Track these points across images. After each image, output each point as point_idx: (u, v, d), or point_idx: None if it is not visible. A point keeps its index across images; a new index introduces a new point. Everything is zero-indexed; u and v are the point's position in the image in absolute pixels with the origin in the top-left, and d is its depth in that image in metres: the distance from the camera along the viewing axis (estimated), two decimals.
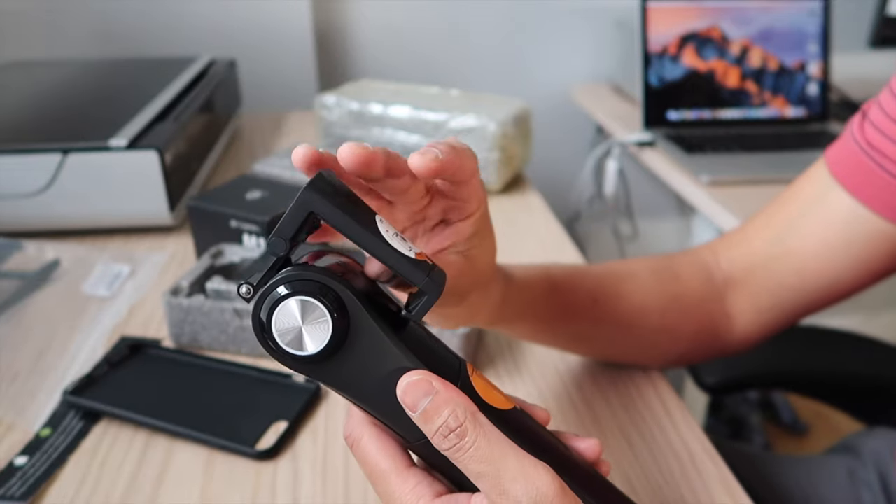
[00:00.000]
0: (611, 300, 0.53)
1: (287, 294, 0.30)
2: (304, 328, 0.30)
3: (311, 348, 0.31)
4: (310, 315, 0.30)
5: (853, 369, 0.89)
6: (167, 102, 0.92)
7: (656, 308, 0.55)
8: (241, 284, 0.31)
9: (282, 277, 0.31)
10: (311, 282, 0.31)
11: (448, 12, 1.60)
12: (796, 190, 0.56)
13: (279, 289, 0.30)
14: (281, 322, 0.30)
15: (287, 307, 0.30)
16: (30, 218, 0.79)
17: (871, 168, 0.51)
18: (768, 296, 0.56)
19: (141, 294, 0.70)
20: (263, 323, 0.30)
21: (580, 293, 0.53)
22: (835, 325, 0.98)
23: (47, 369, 0.59)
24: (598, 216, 1.72)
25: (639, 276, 0.56)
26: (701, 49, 1.34)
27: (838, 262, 0.53)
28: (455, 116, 0.94)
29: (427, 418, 0.30)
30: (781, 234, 0.55)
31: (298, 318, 0.30)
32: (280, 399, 0.54)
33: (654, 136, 1.30)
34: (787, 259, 0.54)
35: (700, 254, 0.60)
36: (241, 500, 0.46)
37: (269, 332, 0.31)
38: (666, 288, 0.56)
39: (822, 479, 0.71)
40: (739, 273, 0.57)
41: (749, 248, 0.57)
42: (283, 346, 0.31)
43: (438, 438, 0.30)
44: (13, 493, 0.46)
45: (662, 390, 0.57)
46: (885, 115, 0.51)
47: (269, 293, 0.30)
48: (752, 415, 1.61)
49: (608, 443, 0.51)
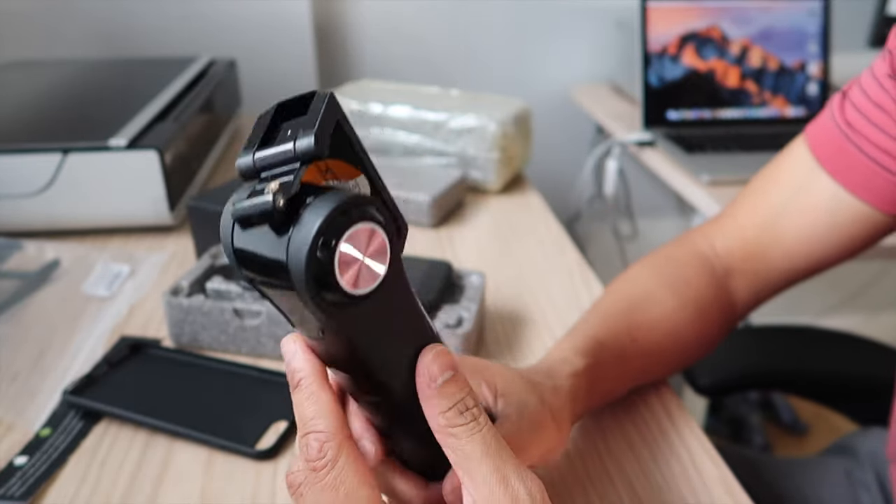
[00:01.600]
0: (646, 333, 0.54)
1: (358, 218, 0.26)
2: (364, 261, 0.27)
3: (365, 286, 0.27)
4: (373, 247, 0.27)
5: (847, 370, 0.89)
6: (167, 102, 0.92)
7: (684, 323, 0.56)
8: (268, 182, 0.26)
9: (343, 196, 0.26)
10: (379, 208, 0.27)
11: (448, 12, 1.60)
12: (780, 173, 0.58)
13: (348, 210, 0.26)
14: (348, 251, 0.26)
15: (358, 233, 0.26)
16: (30, 218, 0.79)
17: (851, 152, 0.53)
18: (763, 279, 0.59)
19: (141, 294, 0.70)
20: (327, 244, 0.25)
21: (617, 342, 0.52)
22: (834, 325, 0.98)
23: (47, 369, 0.59)
24: (598, 216, 1.72)
25: (659, 299, 0.56)
26: (701, 49, 1.34)
27: (824, 243, 0.56)
28: (455, 116, 0.94)
29: (445, 393, 0.30)
30: (771, 220, 0.57)
31: (362, 250, 0.27)
32: (280, 399, 0.54)
33: (654, 136, 1.30)
34: (778, 244, 0.57)
35: (695, 244, 0.61)
36: (241, 500, 0.46)
37: (330, 255, 0.26)
38: (684, 300, 0.56)
39: (820, 481, 0.71)
40: (737, 262, 0.59)
41: (742, 236, 0.59)
42: (339, 279, 0.26)
43: (453, 414, 0.30)
44: (13, 493, 0.46)
45: (662, 390, 0.57)
46: (866, 97, 0.52)
47: (336, 211, 0.25)
48: (752, 415, 1.61)
49: (608, 443, 0.51)
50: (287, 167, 0.27)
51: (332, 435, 0.30)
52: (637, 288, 0.58)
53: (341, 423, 0.30)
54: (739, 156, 1.22)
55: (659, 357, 0.55)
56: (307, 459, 0.30)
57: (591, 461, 0.50)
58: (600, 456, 0.50)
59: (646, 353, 0.54)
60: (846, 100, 0.54)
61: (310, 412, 0.30)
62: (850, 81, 0.55)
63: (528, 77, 1.69)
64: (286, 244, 0.26)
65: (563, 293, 0.71)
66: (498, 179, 0.94)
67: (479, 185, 0.95)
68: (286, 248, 0.26)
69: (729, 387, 0.92)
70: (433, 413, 0.30)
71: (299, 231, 0.26)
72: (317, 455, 0.30)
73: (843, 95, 0.55)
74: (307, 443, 0.30)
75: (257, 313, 0.58)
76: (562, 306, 0.69)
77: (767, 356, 0.92)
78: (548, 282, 0.73)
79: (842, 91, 0.55)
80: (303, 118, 0.28)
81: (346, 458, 0.30)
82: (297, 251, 0.26)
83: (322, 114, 0.27)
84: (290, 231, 0.26)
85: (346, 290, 0.27)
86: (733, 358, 0.90)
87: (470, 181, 0.95)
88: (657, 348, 0.54)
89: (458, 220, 0.88)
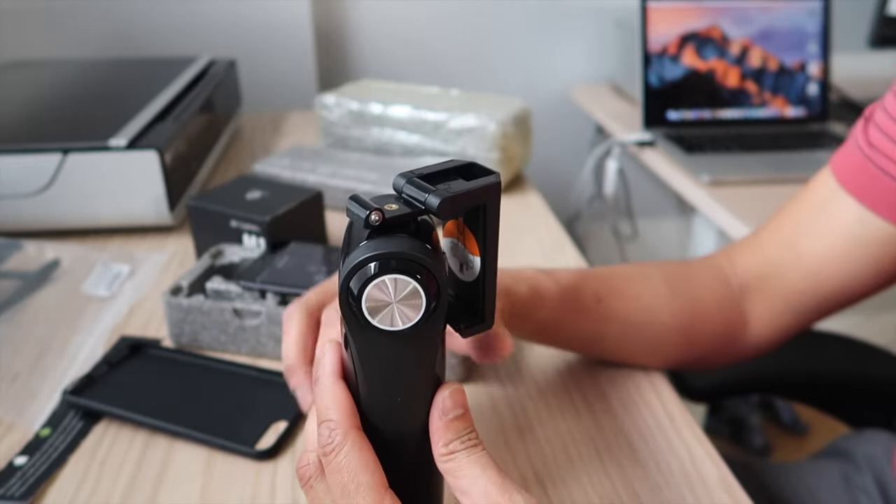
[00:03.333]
0: (615, 299, 0.54)
1: (397, 270, 0.30)
2: (395, 305, 0.30)
3: (398, 324, 0.31)
4: (405, 296, 0.30)
5: (842, 373, 0.89)
6: (167, 102, 0.92)
7: (667, 308, 0.55)
8: (372, 211, 0.30)
9: (416, 249, 0.30)
10: (432, 271, 0.30)
11: (448, 13, 1.60)
12: (804, 196, 0.57)
13: (389, 261, 0.30)
14: (384, 286, 0.30)
15: (396, 281, 0.30)
16: (30, 218, 0.79)
17: (874, 173, 0.51)
18: (782, 301, 0.57)
19: (141, 294, 0.70)
20: (372, 273, 0.30)
21: (585, 293, 0.53)
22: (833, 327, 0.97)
23: (47, 369, 0.59)
24: (598, 216, 1.72)
25: (649, 278, 0.56)
26: (701, 49, 1.34)
27: (849, 265, 0.53)
28: (455, 116, 0.94)
29: (452, 426, 0.33)
30: (791, 239, 0.56)
31: (392, 295, 0.30)
32: (280, 399, 0.54)
33: (654, 136, 1.30)
34: (799, 264, 0.55)
35: (716, 260, 0.60)
36: (240, 500, 0.46)
37: (362, 286, 0.30)
38: (678, 290, 0.56)
39: (818, 485, 0.70)
40: (754, 280, 0.57)
41: (762, 254, 0.57)
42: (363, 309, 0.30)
43: (456, 444, 0.33)
44: (13, 493, 0.46)
45: (662, 390, 0.57)
46: (888, 117, 0.51)
47: (383, 256, 0.30)
48: (752, 415, 1.61)
49: (608, 443, 0.51)
50: (412, 208, 0.31)
51: (339, 423, 0.33)
52: (634, 267, 0.58)
53: (349, 413, 0.33)
54: (739, 156, 1.22)
55: (632, 330, 0.55)
56: (319, 445, 0.33)
57: (590, 461, 0.50)
58: (600, 456, 0.50)
59: (614, 319, 0.53)
60: (870, 123, 0.53)
61: (322, 404, 0.34)
62: (872, 105, 0.54)
63: (528, 77, 1.69)
64: (343, 258, 0.31)
65: None
66: None
67: None
68: (343, 261, 0.31)
69: (723, 392, 0.92)
70: (438, 441, 0.33)
71: (353, 252, 0.30)
72: (325, 441, 0.33)
73: (866, 120, 0.54)
74: (320, 431, 0.33)
75: (257, 313, 0.58)
76: None
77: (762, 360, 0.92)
78: None
79: (864, 116, 0.54)
80: (463, 182, 0.32)
81: (352, 444, 0.32)
82: (345, 268, 0.30)
83: (468, 189, 0.31)
84: (354, 247, 0.31)
85: (369, 321, 0.30)
86: None
87: None
88: (629, 318, 0.54)
89: None
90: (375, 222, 0.30)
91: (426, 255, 0.30)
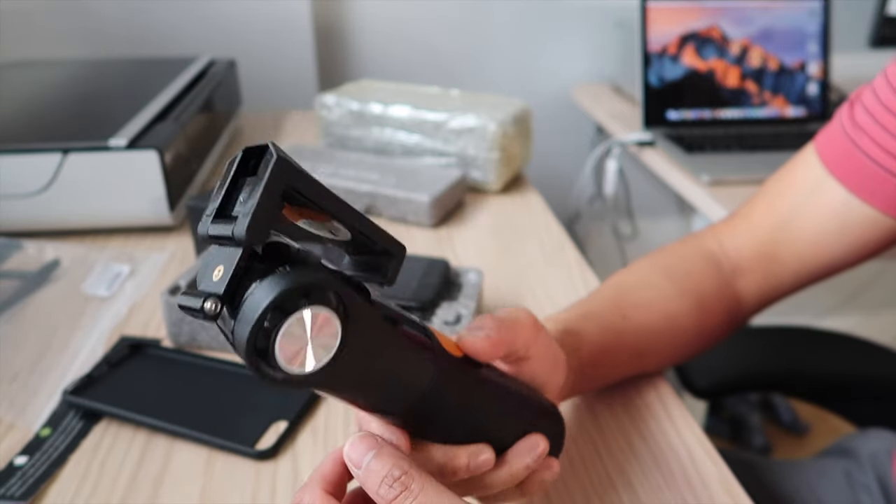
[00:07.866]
0: (639, 311, 0.54)
1: (294, 309, 0.25)
2: (310, 343, 0.26)
3: (315, 363, 0.27)
4: (319, 328, 0.26)
5: (845, 371, 0.89)
6: (167, 102, 0.92)
7: (681, 310, 0.56)
8: (206, 299, 0.25)
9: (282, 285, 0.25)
10: (322, 289, 0.26)
11: (448, 13, 1.60)
12: (793, 178, 0.59)
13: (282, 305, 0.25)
14: (286, 342, 0.25)
15: (296, 323, 0.25)
16: (30, 218, 0.79)
17: (857, 157, 0.54)
18: (772, 278, 0.60)
19: (141, 294, 0.70)
20: (261, 348, 0.25)
21: (609, 314, 0.52)
22: (833, 326, 0.98)
23: (47, 369, 0.59)
24: (598, 216, 1.72)
25: (654, 283, 0.57)
26: (701, 49, 1.34)
27: (834, 246, 0.57)
28: (455, 116, 0.94)
29: (368, 474, 0.31)
30: (783, 222, 0.58)
31: (307, 333, 0.26)
32: (280, 399, 0.54)
33: (654, 136, 1.30)
34: (789, 246, 0.58)
35: (703, 241, 0.61)
36: (241, 500, 0.46)
37: (269, 354, 0.25)
38: (682, 288, 0.57)
39: (820, 483, 0.70)
40: (747, 261, 0.60)
41: (754, 236, 0.60)
42: (284, 367, 0.26)
43: (384, 490, 0.30)
44: (13, 492, 0.46)
45: (662, 390, 0.57)
46: (876, 99, 0.53)
47: (270, 307, 0.25)
48: (752, 415, 1.61)
49: (608, 443, 0.51)
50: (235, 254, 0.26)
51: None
52: (632, 274, 0.58)
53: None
54: (739, 156, 1.22)
55: (655, 338, 0.55)
56: None
57: (590, 461, 0.50)
58: (600, 456, 0.50)
59: (639, 331, 0.53)
60: (855, 104, 0.55)
61: None
62: (861, 87, 0.56)
63: (528, 77, 1.69)
64: (231, 331, 0.26)
65: (564, 293, 0.71)
66: (498, 179, 0.94)
67: (479, 185, 0.95)
68: (232, 334, 0.26)
69: (726, 389, 0.92)
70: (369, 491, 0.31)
71: (239, 324, 0.26)
72: None
73: (851, 102, 0.56)
74: None
75: None
76: (562, 307, 0.69)
77: (764, 357, 0.92)
78: (548, 282, 0.73)
79: (849, 99, 0.57)
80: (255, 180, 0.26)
81: None
82: (240, 343, 0.26)
83: (260, 196, 0.25)
84: (234, 319, 0.26)
85: (292, 372, 0.26)
86: (730, 359, 0.90)
87: (470, 181, 0.95)
88: (652, 328, 0.54)
89: (458, 220, 0.88)
90: (212, 310, 0.25)
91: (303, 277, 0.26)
